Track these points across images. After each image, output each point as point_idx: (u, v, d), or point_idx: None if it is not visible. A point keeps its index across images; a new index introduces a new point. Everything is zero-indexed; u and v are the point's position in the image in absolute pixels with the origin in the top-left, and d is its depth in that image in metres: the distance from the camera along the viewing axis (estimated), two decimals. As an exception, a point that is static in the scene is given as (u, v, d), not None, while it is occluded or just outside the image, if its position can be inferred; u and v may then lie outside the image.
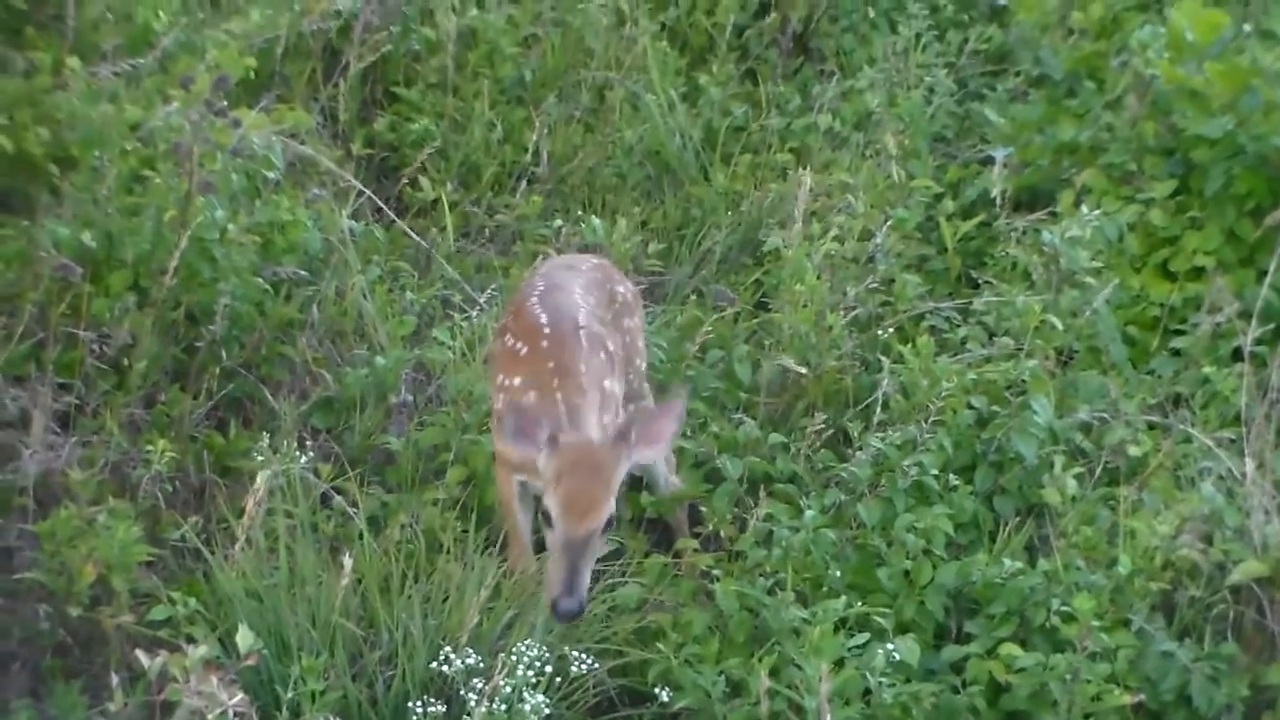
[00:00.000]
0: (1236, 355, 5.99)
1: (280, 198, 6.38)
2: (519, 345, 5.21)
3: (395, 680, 4.96)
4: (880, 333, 6.25)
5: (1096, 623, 4.94)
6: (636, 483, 5.74)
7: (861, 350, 6.23)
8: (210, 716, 4.44)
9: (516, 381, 5.13)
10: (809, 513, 5.30)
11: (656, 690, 4.97)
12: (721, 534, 5.53)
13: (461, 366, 6.00)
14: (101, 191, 6.06)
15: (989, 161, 7.10)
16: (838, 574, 5.23)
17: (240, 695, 4.47)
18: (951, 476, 5.51)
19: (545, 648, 4.79)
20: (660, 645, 5.08)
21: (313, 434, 5.94)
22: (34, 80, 6.32)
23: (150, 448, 5.46)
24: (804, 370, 5.97)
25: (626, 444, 4.88)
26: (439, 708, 4.72)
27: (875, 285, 6.45)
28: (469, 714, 4.64)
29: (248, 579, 5.09)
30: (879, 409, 5.79)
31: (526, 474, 5.10)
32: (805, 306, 6.14)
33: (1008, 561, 5.24)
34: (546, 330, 5.22)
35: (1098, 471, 5.65)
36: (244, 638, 4.57)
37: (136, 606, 5.13)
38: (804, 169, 6.73)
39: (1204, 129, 6.54)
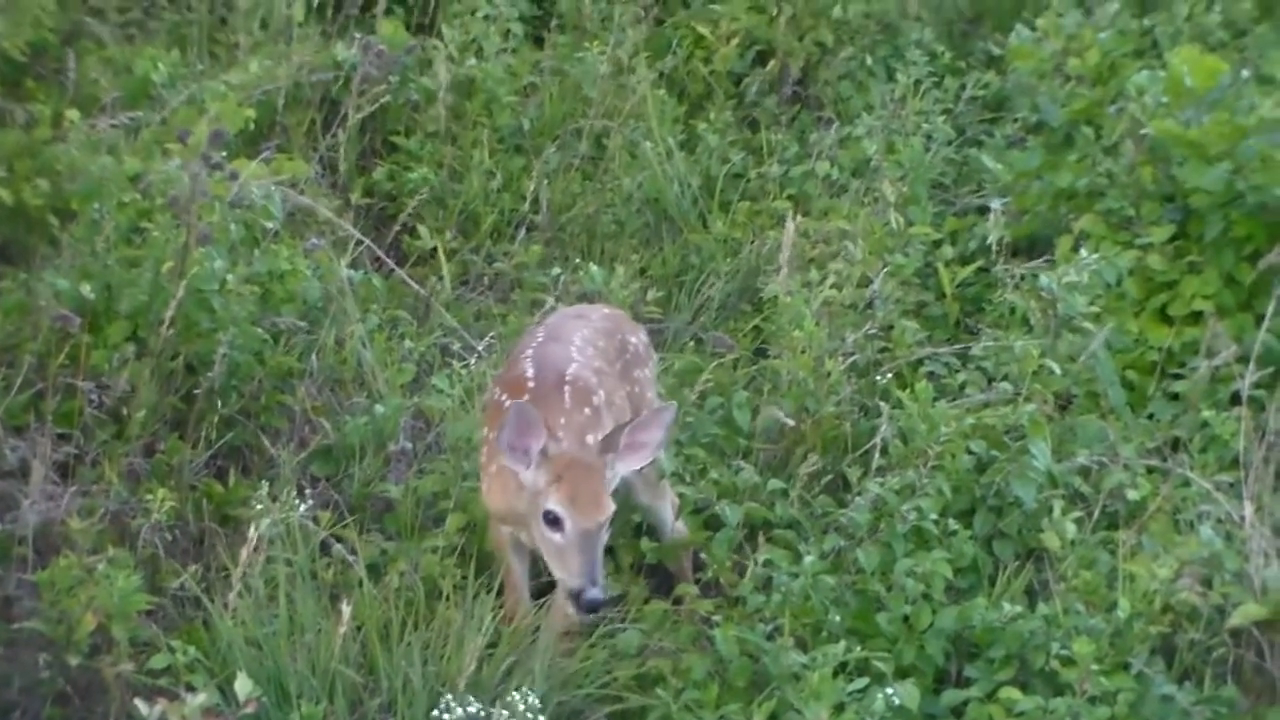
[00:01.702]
0: (1235, 399, 6.01)
1: (279, 247, 6.44)
2: (504, 397, 5.25)
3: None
4: (879, 378, 6.27)
5: (1096, 666, 4.96)
6: (638, 529, 5.77)
7: (860, 396, 6.25)
8: None
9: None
10: (808, 558, 5.31)
11: None
12: (721, 580, 5.54)
13: (460, 414, 6.03)
14: (100, 243, 6.13)
15: (987, 208, 7.14)
16: (837, 619, 5.24)
17: None
18: (950, 521, 5.52)
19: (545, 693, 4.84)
20: (660, 690, 5.10)
21: (312, 482, 5.97)
22: (33, 132, 6.41)
23: (150, 497, 5.51)
24: (790, 421, 6.00)
25: (612, 452, 4.98)
26: None
27: (874, 331, 6.48)
28: None
29: (247, 627, 5.11)
30: (878, 454, 5.79)
31: (513, 525, 5.17)
32: (804, 353, 6.16)
33: (1007, 605, 5.24)
34: (531, 384, 5.27)
35: (1096, 515, 5.66)
36: (243, 685, 4.60)
37: (136, 655, 5.15)
38: (796, 214, 6.80)
39: (1201, 180, 6.59)
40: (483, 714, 4.76)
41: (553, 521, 4.92)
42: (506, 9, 7.96)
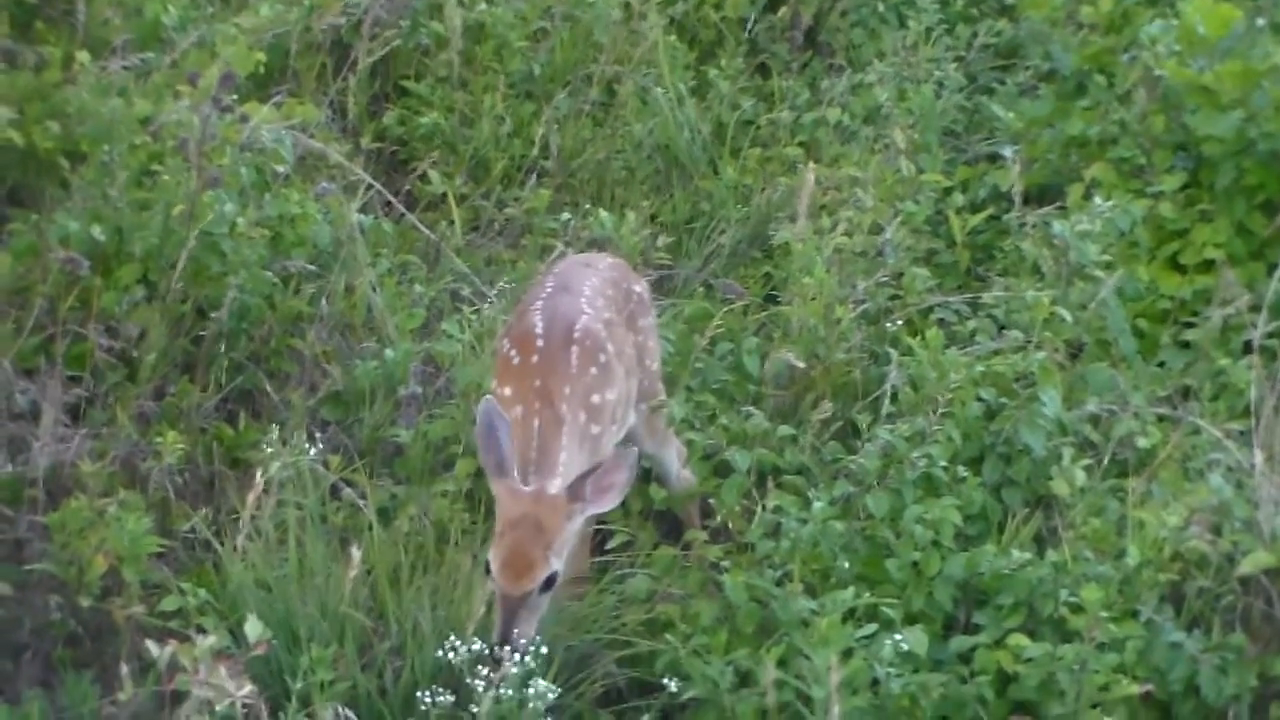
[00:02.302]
0: (1246, 348, 5.98)
1: (289, 192, 6.40)
2: (513, 352, 5.24)
3: (404, 670, 4.99)
4: (889, 326, 6.25)
5: (1105, 613, 4.95)
6: (646, 474, 5.75)
7: (870, 343, 6.23)
8: (219, 707, 4.51)
9: (506, 392, 5.15)
10: (817, 504, 5.30)
11: (665, 680, 5.00)
12: (730, 526, 5.53)
13: (471, 359, 6.01)
14: (110, 186, 6.09)
15: (998, 156, 7.11)
16: (846, 565, 5.23)
17: (249, 686, 4.52)
18: (960, 468, 5.51)
19: (553, 637, 4.86)
20: (669, 636, 5.09)
21: (322, 426, 5.96)
22: (44, 75, 6.34)
23: (160, 440, 5.49)
24: (801, 364, 5.99)
25: (580, 500, 4.92)
26: (447, 697, 4.76)
27: (884, 279, 6.45)
28: (476, 703, 4.68)
29: (257, 570, 5.12)
30: (888, 401, 5.78)
31: None
32: (814, 300, 6.15)
33: (1016, 553, 5.23)
34: (540, 341, 5.24)
35: (1106, 463, 5.64)
36: (253, 628, 4.64)
37: (147, 597, 5.16)
38: (811, 164, 6.75)
39: (1214, 128, 6.55)
40: (490, 654, 4.77)
41: (487, 570, 4.87)
42: (518, -47, 7.91)
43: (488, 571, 4.84)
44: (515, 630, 4.78)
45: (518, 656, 4.71)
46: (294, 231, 6.35)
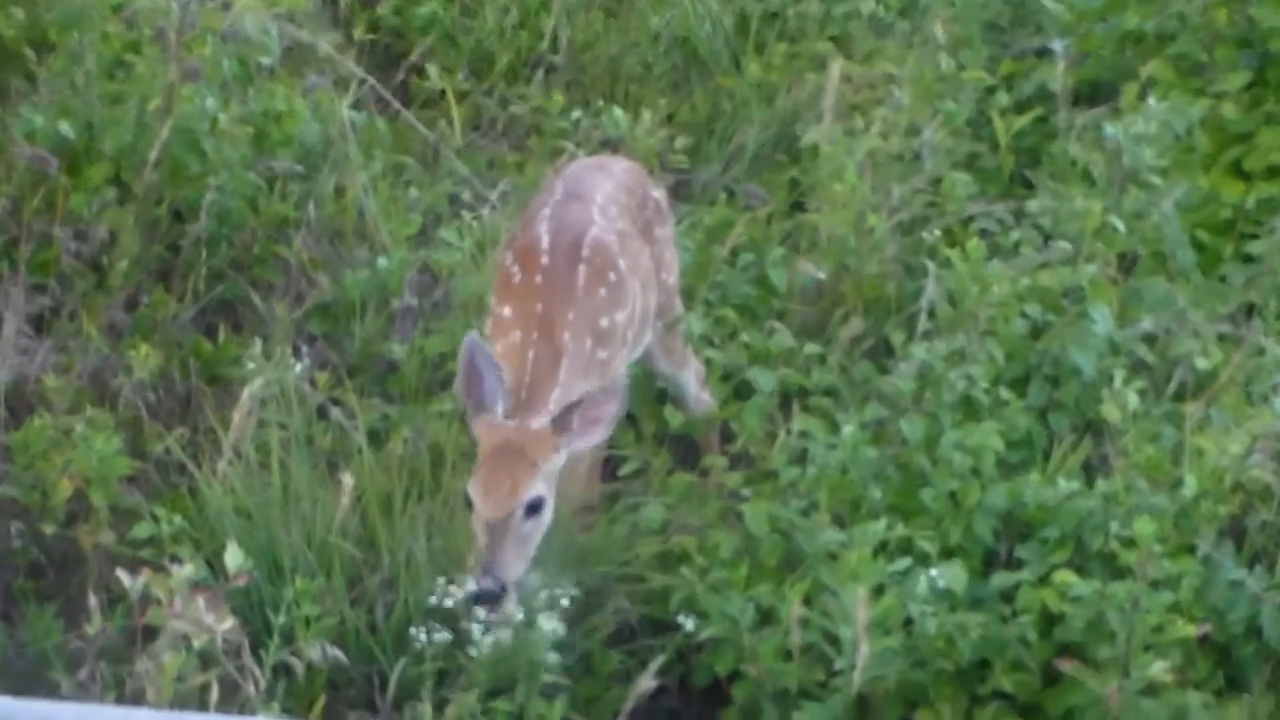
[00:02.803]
0: (1315, 261, 5.98)
1: (275, 86, 6.35)
2: (515, 268, 5.20)
3: (397, 606, 4.98)
4: (926, 236, 6.18)
5: (1159, 548, 4.90)
6: (661, 396, 5.73)
7: (905, 254, 6.18)
8: (196, 643, 4.49)
9: (505, 313, 5.12)
10: (847, 429, 5.26)
11: (680, 618, 4.97)
12: (752, 451, 5.51)
13: (471, 269, 5.98)
14: (80, 78, 6.07)
15: (1046, 52, 7.03)
16: (878, 495, 5.21)
17: (229, 620, 4.52)
18: (1002, 390, 5.46)
19: (559, 571, 4.85)
20: (684, 570, 5.06)
21: (309, 341, 5.93)
22: (7, -44, 6.34)
23: (132, 353, 5.47)
24: (828, 277, 6.01)
25: (566, 432, 4.87)
26: (444, 635, 4.74)
27: (921, 185, 6.39)
28: (474, 643, 4.68)
29: (237, 496, 5.12)
30: (924, 317, 5.76)
31: None
32: (845, 207, 6.11)
33: (1063, 482, 5.19)
34: (545, 258, 5.18)
35: (1162, 386, 5.64)
36: (233, 558, 4.63)
37: (117, 524, 5.16)
38: (842, 59, 6.70)
39: (1281, 19, 6.51)
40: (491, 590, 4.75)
41: (467, 501, 4.83)
42: None
43: (468, 504, 4.81)
44: (498, 560, 4.72)
45: (505, 592, 4.71)
46: (279, 129, 6.29)
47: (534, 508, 4.80)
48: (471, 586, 4.70)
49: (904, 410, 5.45)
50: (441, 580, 4.77)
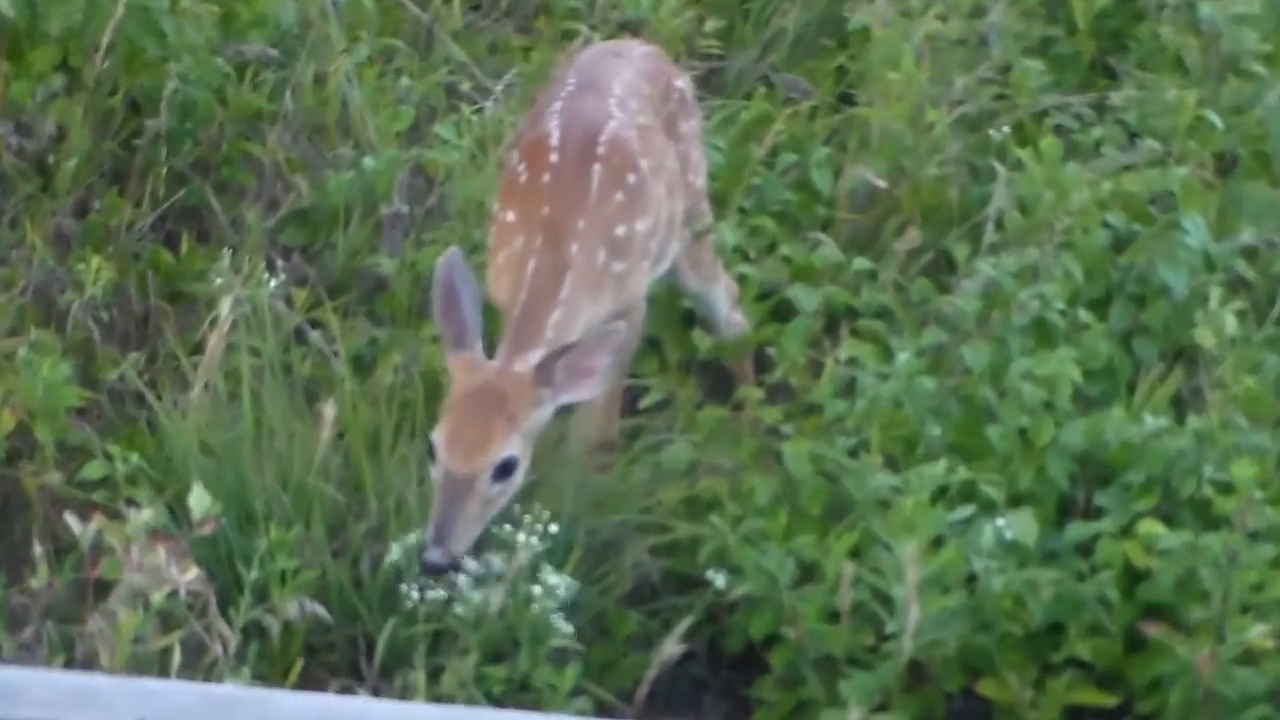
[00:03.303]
0: None
1: (245, -43, 6.37)
2: (521, 166, 5.21)
3: (386, 559, 4.94)
4: (993, 133, 6.18)
5: (1259, 494, 4.88)
6: (688, 318, 5.72)
7: (970, 154, 6.19)
8: (155, 598, 4.49)
9: (509, 217, 5.13)
10: (901, 356, 5.25)
11: (709, 574, 4.96)
12: (792, 382, 5.49)
13: (470, 171, 5.96)
14: (20, -54, 6.08)
15: (1132, -81, 7.07)
16: (936, 432, 5.19)
17: (194, 572, 4.51)
18: (1080, 312, 5.46)
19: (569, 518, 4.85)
20: (714, 518, 5.05)
21: (284, 253, 5.92)
22: None
23: (82, 267, 5.48)
24: (882, 184, 6.02)
25: (548, 385, 4.86)
26: (438, 592, 4.76)
27: (988, 74, 6.40)
28: (463, 600, 4.72)
29: (203, 430, 5.10)
30: (990, 228, 5.78)
31: None
32: (900, 100, 6.12)
33: (1149, 418, 5.17)
34: (554, 156, 5.18)
35: (1264, 307, 5.66)
36: (198, 502, 4.62)
37: (65, 463, 5.17)
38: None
39: None
40: (493, 537, 4.79)
41: (430, 451, 4.82)
42: None
43: (431, 455, 4.81)
44: (451, 530, 4.71)
45: (455, 568, 4.72)
46: (250, 8, 6.28)
47: (505, 469, 4.78)
48: (432, 555, 4.70)
49: (967, 335, 5.44)
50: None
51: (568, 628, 4.76)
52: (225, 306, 5.13)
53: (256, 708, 4.11)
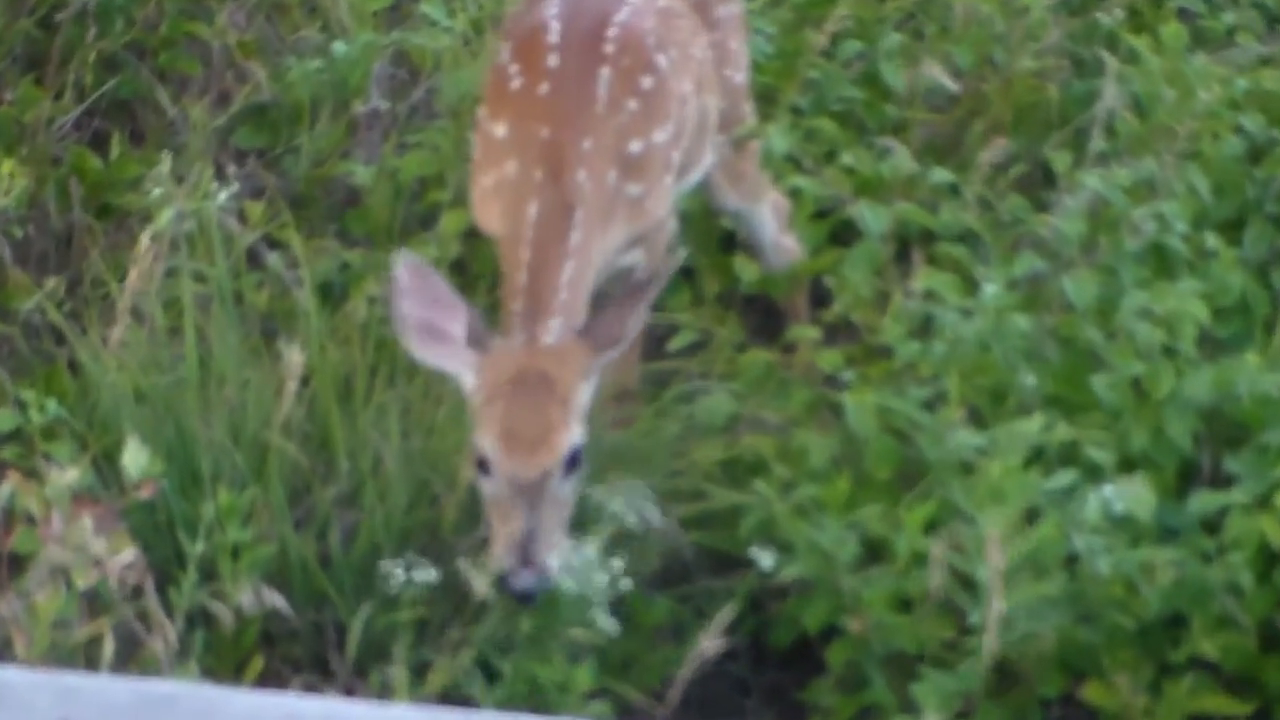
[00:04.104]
0: None
1: None
2: (514, 69, 5.20)
3: (360, 530, 4.97)
4: (1102, 18, 6.23)
5: None
6: (729, 241, 5.74)
7: (1073, 44, 6.24)
8: (81, 575, 4.50)
9: (499, 132, 5.14)
10: (988, 289, 5.24)
11: (752, 553, 4.95)
12: (855, 319, 5.50)
13: (463, 59, 5.98)
14: None
15: None
16: (1030, 381, 5.18)
17: (128, 547, 4.53)
18: (1207, 236, 5.49)
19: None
20: (760, 485, 5.04)
21: (237, 158, 5.98)
22: None
23: None
24: (957, 86, 6.05)
25: (594, 349, 4.89)
26: (427, 572, 4.75)
27: None
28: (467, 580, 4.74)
29: (137, 373, 5.11)
30: (1098, 133, 5.79)
31: None
32: None
33: None
34: (553, 57, 5.17)
35: None
36: (133, 459, 4.62)
37: None
38: None
39: None
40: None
41: (480, 462, 4.81)
42: None
43: (480, 466, 4.80)
44: (539, 542, 4.72)
45: (551, 585, 4.72)
46: None
47: (574, 461, 4.80)
48: (511, 583, 4.70)
49: (1068, 263, 5.45)
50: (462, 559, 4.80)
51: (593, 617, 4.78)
52: (164, 222, 5.14)
53: (202, 708, 4.06)
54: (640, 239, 5.15)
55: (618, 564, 4.76)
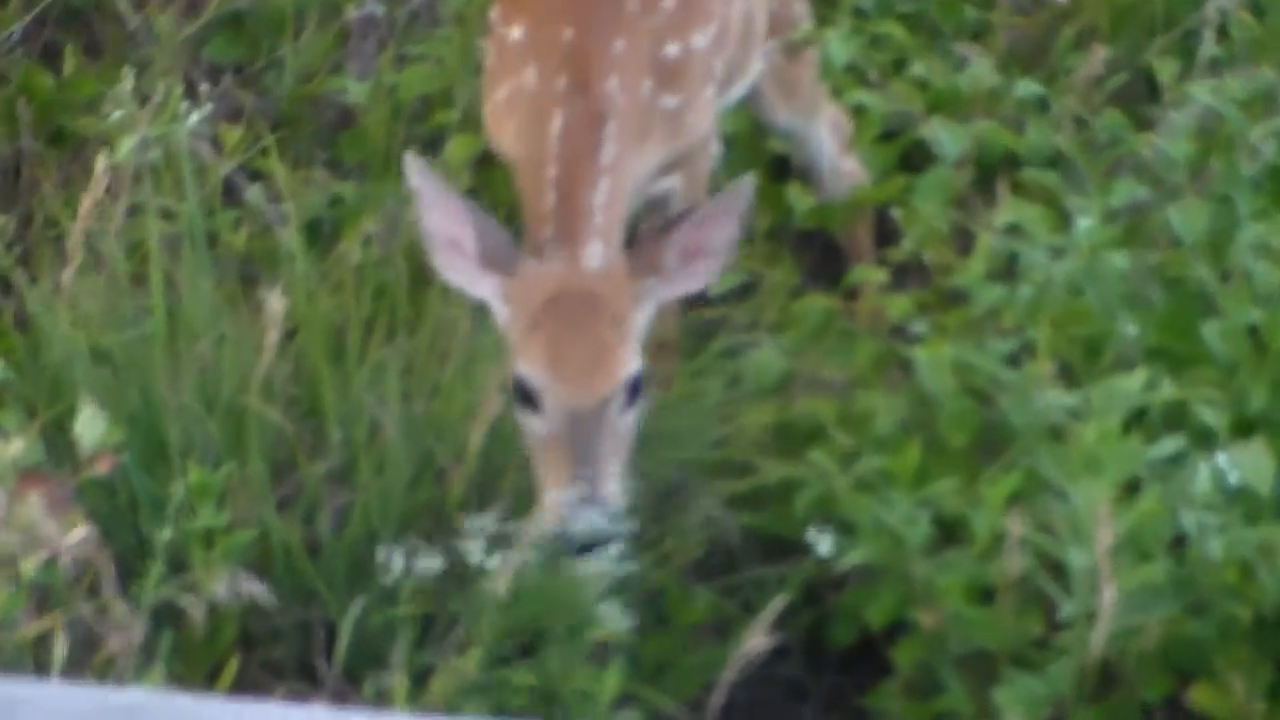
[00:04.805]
0: None
1: None
2: None
3: (355, 511, 4.93)
4: None
5: None
6: (781, 166, 5.73)
7: None
8: (29, 564, 4.48)
9: (514, 35, 5.14)
10: (1083, 222, 5.22)
11: (808, 535, 4.90)
12: (927, 259, 5.48)
13: None
14: None
15: None
16: (1131, 331, 5.16)
17: (82, 529, 4.53)
18: None
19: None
20: (816, 455, 5.01)
21: (210, 74, 6.01)
22: None
23: None
24: None
25: (656, 273, 4.89)
26: (431, 561, 4.72)
27: None
28: (482, 573, 4.74)
29: (94, 327, 5.10)
30: (1209, 37, 5.80)
31: None
32: None
33: None
34: None
35: None
36: (88, 429, 4.62)
37: None
38: None
39: None
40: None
41: (525, 396, 4.81)
42: None
43: (525, 400, 4.79)
44: (601, 472, 4.73)
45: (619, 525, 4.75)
46: None
47: (635, 389, 4.82)
48: (573, 522, 4.70)
49: (1175, 191, 5.43)
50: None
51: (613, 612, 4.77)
52: (125, 150, 5.12)
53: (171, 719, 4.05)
54: (678, 161, 5.13)
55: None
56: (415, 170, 4.88)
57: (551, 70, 5.03)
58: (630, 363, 4.83)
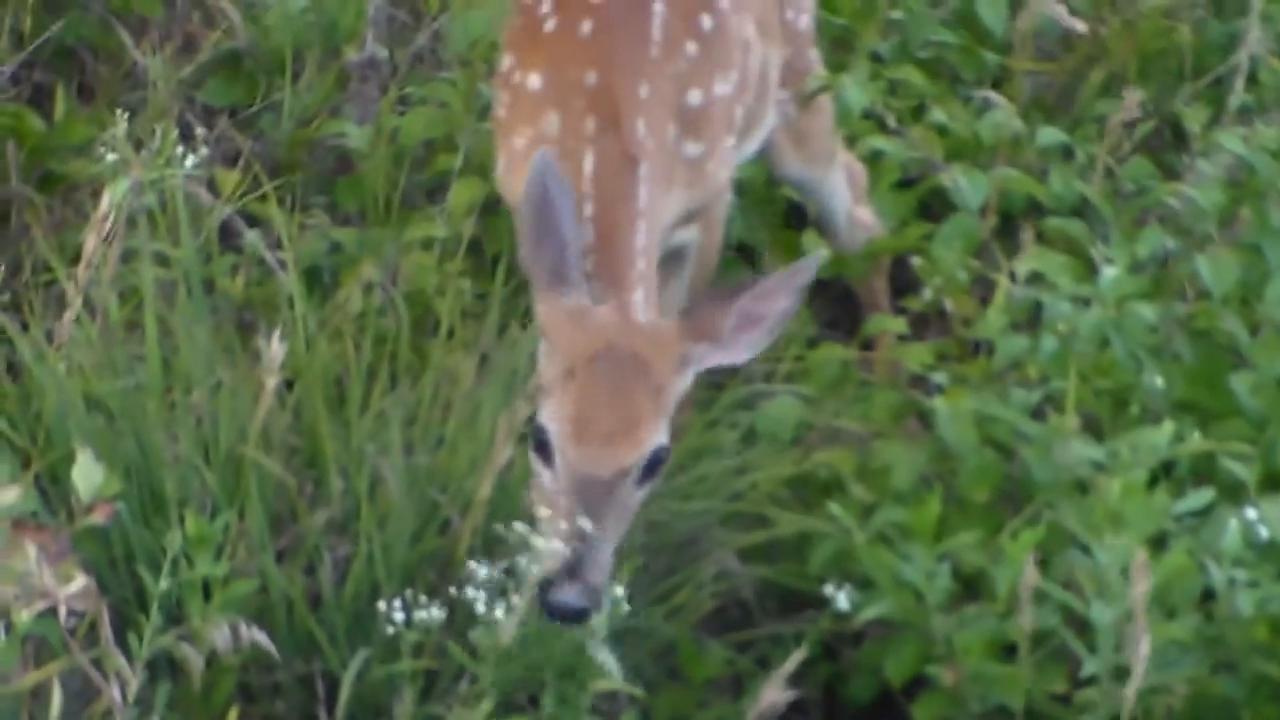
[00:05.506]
0: None
1: None
2: (547, 6, 5.22)
3: (355, 563, 4.99)
4: None
5: None
6: (797, 214, 5.77)
7: None
8: (24, 615, 4.54)
9: (532, 83, 5.16)
10: (1108, 272, 5.28)
11: (826, 589, 4.95)
12: (948, 308, 5.53)
13: None
14: None
15: None
16: (1158, 382, 5.22)
17: (79, 579, 4.58)
18: None
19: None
20: (834, 507, 5.05)
21: (205, 117, 6.02)
22: None
23: None
24: (1081, 27, 6.10)
25: (711, 337, 4.85)
26: (437, 611, 4.74)
27: None
28: (486, 625, 4.71)
29: (89, 376, 5.14)
30: (1239, 85, 5.86)
31: None
32: None
33: None
34: None
35: None
36: (84, 478, 4.68)
37: None
38: None
39: None
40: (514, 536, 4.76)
41: (541, 445, 4.79)
42: None
43: (538, 446, 4.77)
44: (594, 558, 4.67)
45: (598, 608, 4.68)
46: None
47: (654, 465, 4.78)
48: (564, 595, 4.65)
49: (1204, 240, 5.49)
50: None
51: (622, 666, 4.76)
52: (120, 194, 5.16)
53: (168, 773, 4.18)
54: (698, 211, 5.16)
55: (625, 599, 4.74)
56: (536, 164, 4.76)
57: (577, 114, 5.03)
58: (658, 435, 4.76)
